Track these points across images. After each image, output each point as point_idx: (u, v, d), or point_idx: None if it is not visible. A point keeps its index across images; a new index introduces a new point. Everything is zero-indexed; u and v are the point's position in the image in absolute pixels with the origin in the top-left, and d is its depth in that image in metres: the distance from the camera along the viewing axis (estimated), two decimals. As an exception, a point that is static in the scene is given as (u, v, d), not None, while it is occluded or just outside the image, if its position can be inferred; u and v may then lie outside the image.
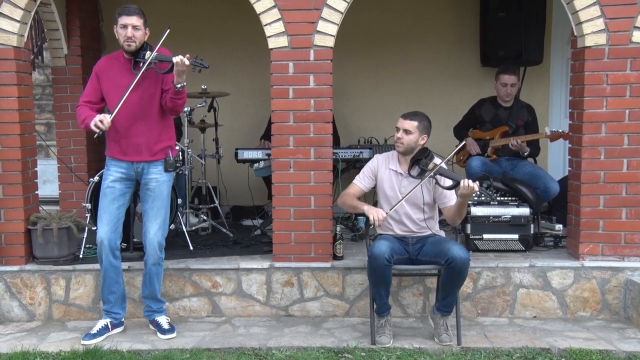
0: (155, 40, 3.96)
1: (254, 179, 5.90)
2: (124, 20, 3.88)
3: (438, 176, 3.87)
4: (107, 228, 4.00)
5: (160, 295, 4.22)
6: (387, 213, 3.89)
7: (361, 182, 4.15)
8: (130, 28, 3.87)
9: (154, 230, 4.05)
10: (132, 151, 4.00)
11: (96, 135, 3.84)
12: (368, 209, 3.93)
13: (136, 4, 3.97)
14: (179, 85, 3.86)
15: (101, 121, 3.80)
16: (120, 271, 4.15)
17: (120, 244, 4.17)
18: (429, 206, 4.05)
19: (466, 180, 3.73)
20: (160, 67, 3.92)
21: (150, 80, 3.96)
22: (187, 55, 3.83)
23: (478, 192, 3.77)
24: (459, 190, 3.77)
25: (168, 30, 3.92)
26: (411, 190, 3.89)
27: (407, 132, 3.96)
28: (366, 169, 4.16)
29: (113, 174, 4.04)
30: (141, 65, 3.89)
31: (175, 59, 3.79)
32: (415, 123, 3.96)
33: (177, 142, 5.24)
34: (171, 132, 4.20)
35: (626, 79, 4.28)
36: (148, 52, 3.89)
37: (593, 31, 4.25)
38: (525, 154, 5.21)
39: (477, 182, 3.75)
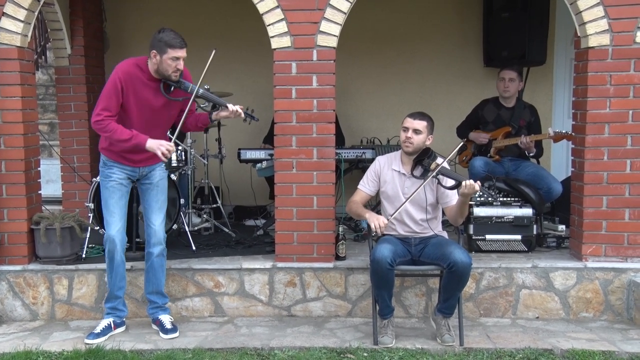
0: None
1: (257, 179, 5.90)
2: (177, 53, 3.85)
3: (440, 176, 3.87)
4: (120, 224, 4.01)
5: (164, 291, 4.23)
6: (388, 219, 3.89)
7: (366, 187, 4.14)
8: (182, 61, 3.90)
9: (159, 222, 4.11)
10: (139, 159, 4.02)
11: (165, 162, 4.00)
12: (369, 216, 3.92)
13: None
14: (215, 121, 4.16)
15: (168, 150, 3.87)
16: (125, 266, 4.17)
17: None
18: (432, 206, 4.05)
19: (467, 180, 3.73)
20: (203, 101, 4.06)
21: (176, 103, 4.01)
22: (241, 107, 3.99)
23: (480, 193, 3.76)
24: (460, 190, 3.77)
25: (214, 52, 3.96)
26: (414, 193, 3.88)
27: (417, 132, 3.95)
28: (369, 173, 4.15)
29: (117, 173, 4.04)
30: (171, 88, 3.95)
31: (231, 108, 3.95)
32: (424, 123, 3.96)
33: (180, 143, 5.28)
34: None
35: (630, 79, 4.27)
36: (189, 84, 3.97)
37: (596, 32, 4.24)
38: (532, 153, 5.21)
39: (479, 182, 3.75)
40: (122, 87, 3.87)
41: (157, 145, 3.84)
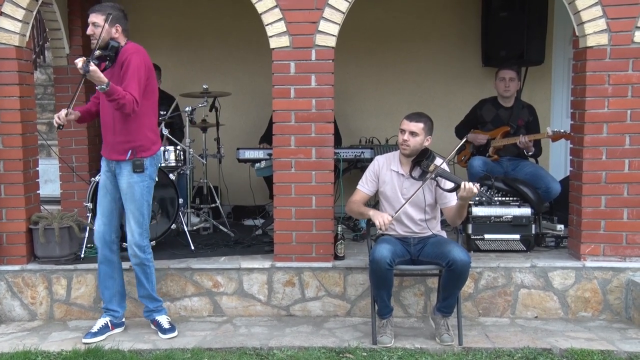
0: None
1: (255, 178, 5.90)
2: (89, 18, 3.90)
3: (439, 178, 3.87)
4: (100, 222, 4.03)
5: (156, 294, 4.21)
6: (392, 217, 3.89)
7: (364, 186, 4.14)
8: (90, 25, 3.87)
9: (130, 232, 4.03)
10: (106, 149, 4.03)
11: (57, 129, 3.98)
12: (374, 214, 3.92)
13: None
14: (98, 87, 3.72)
15: (58, 116, 3.87)
16: (117, 266, 4.15)
17: (121, 243, 4.19)
18: (431, 207, 4.05)
19: (466, 183, 3.72)
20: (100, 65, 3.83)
21: (115, 80, 3.83)
22: (83, 58, 3.73)
23: (478, 196, 3.75)
24: (459, 193, 3.76)
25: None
26: (414, 193, 3.88)
27: (413, 134, 3.94)
28: (368, 173, 4.15)
29: (102, 169, 4.10)
30: (107, 62, 3.89)
31: (75, 61, 3.74)
32: (421, 125, 3.95)
33: (178, 142, 5.27)
34: (143, 132, 3.98)
35: (628, 79, 4.28)
36: (97, 51, 3.82)
37: (595, 31, 4.25)
38: (530, 153, 5.21)
39: (478, 185, 3.73)
40: None
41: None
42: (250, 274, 4.50)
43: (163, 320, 4.15)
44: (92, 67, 3.63)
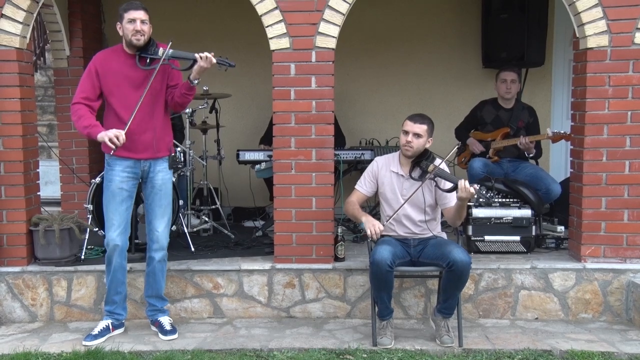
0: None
1: (256, 180, 5.90)
2: (132, 14, 3.87)
3: (437, 178, 3.87)
4: (119, 230, 3.99)
5: (164, 294, 4.23)
6: (384, 224, 3.90)
7: (363, 187, 4.14)
8: (139, 22, 3.87)
9: (162, 227, 4.08)
10: (140, 148, 3.98)
11: (112, 152, 3.81)
12: (366, 221, 3.91)
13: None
14: (195, 82, 3.97)
15: (117, 137, 3.77)
16: (126, 272, 4.15)
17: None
18: (431, 207, 4.05)
19: (464, 182, 3.71)
20: (175, 63, 3.98)
21: (157, 77, 3.93)
22: (213, 53, 3.90)
23: (476, 197, 3.75)
24: (457, 193, 3.76)
25: (170, 44, 3.93)
26: (411, 195, 3.88)
27: (417, 135, 3.94)
28: (367, 174, 4.15)
29: (119, 174, 3.99)
30: (148, 60, 3.91)
31: (201, 55, 3.86)
32: (425, 126, 3.94)
33: (179, 144, 5.28)
34: (170, 128, 4.21)
35: (628, 80, 4.28)
36: (160, 49, 3.91)
37: (595, 33, 4.25)
38: (531, 154, 5.21)
39: (476, 185, 3.73)
40: (97, 71, 3.95)
41: (104, 133, 3.80)
42: (250, 275, 4.50)
43: (165, 321, 4.16)
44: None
